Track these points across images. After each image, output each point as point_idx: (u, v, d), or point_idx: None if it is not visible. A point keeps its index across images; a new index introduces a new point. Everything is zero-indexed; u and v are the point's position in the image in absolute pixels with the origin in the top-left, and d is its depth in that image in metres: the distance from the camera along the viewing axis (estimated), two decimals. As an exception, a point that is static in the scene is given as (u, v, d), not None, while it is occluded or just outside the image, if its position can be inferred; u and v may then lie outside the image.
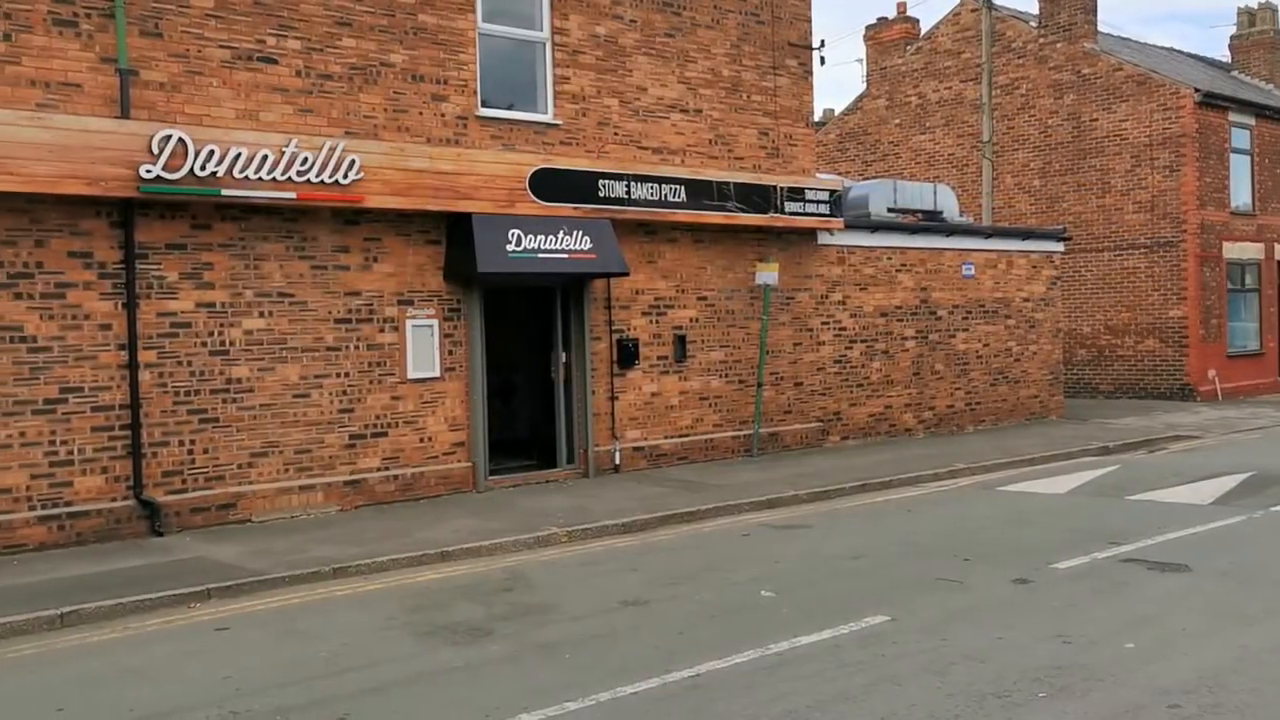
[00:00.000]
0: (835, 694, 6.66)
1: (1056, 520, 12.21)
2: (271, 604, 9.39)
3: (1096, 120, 26.48)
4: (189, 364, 12.18)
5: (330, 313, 13.15)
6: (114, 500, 11.67)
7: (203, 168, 11.62)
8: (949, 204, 21.13)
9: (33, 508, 11.19)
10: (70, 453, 11.42)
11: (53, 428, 11.33)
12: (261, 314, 12.65)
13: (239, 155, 11.86)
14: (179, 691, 7.09)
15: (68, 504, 11.39)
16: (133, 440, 11.75)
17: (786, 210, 16.99)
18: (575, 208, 14.63)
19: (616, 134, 15.63)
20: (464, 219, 13.77)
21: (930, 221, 20.58)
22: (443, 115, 13.96)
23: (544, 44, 15.05)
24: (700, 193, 15.94)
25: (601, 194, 14.91)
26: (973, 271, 20.65)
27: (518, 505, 13.39)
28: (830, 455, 17.42)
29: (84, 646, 8.27)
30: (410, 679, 7.21)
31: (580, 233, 14.55)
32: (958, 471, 15.74)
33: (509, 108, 14.72)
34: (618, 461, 15.66)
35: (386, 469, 13.58)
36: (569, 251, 14.43)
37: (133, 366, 11.75)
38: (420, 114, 13.74)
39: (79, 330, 11.48)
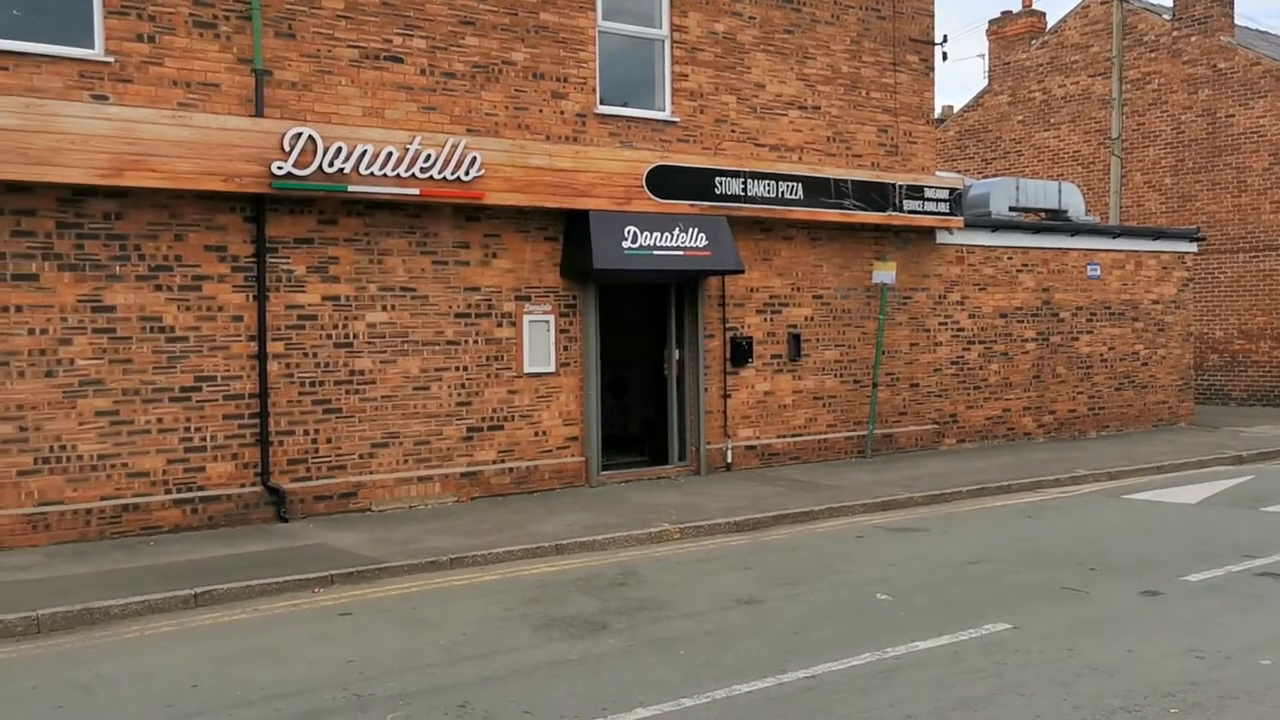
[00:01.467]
0: (956, 701, 6.54)
1: (1187, 531, 11.79)
2: (391, 591, 9.60)
3: (1233, 116, 25.44)
4: (314, 355, 12.53)
5: (450, 307, 13.39)
6: (243, 486, 12.08)
7: (331, 164, 11.94)
8: (1074, 203, 20.53)
9: (168, 491, 11.65)
10: (203, 439, 11.86)
11: (188, 415, 11.78)
12: (384, 307, 12.95)
13: (365, 152, 12.15)
14: (305, 673, 7.31)
15: (200, 488, 11.83)
16: (261, 428, 12.14)
17: (905, 209, 16.73)
18: (691, 205, 14.63)
19: (734, 131, 15.58)
20: (581, 216, 13.89)
21: (1054, 221, 20.03)
22: (562, 113, 14.09)
23: (663, 41, 15.07)
24: (817, 190, 15.79)
25: (718, 191, 14.88)
26: (1098, 272, 20.05)
27: (630, 500, 13.45)
28: (946, 458, 17.10)
29: (216, 626, 8.58)
30: (528, 669, 7.31)
31: (696, 230, 14.55)
32: (1080, 478, 15.29)
33: (627, 105, 14.79)
34: (729, 460, 15.62)
35: (502, 461, 13.78)
36: (684, 249, 14.44)
37: (262, 357, 12.14)
38: (540, 112, 13.90)
39: (213, 321, 11.91)
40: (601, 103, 14.44)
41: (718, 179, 14.88)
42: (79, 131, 10.65)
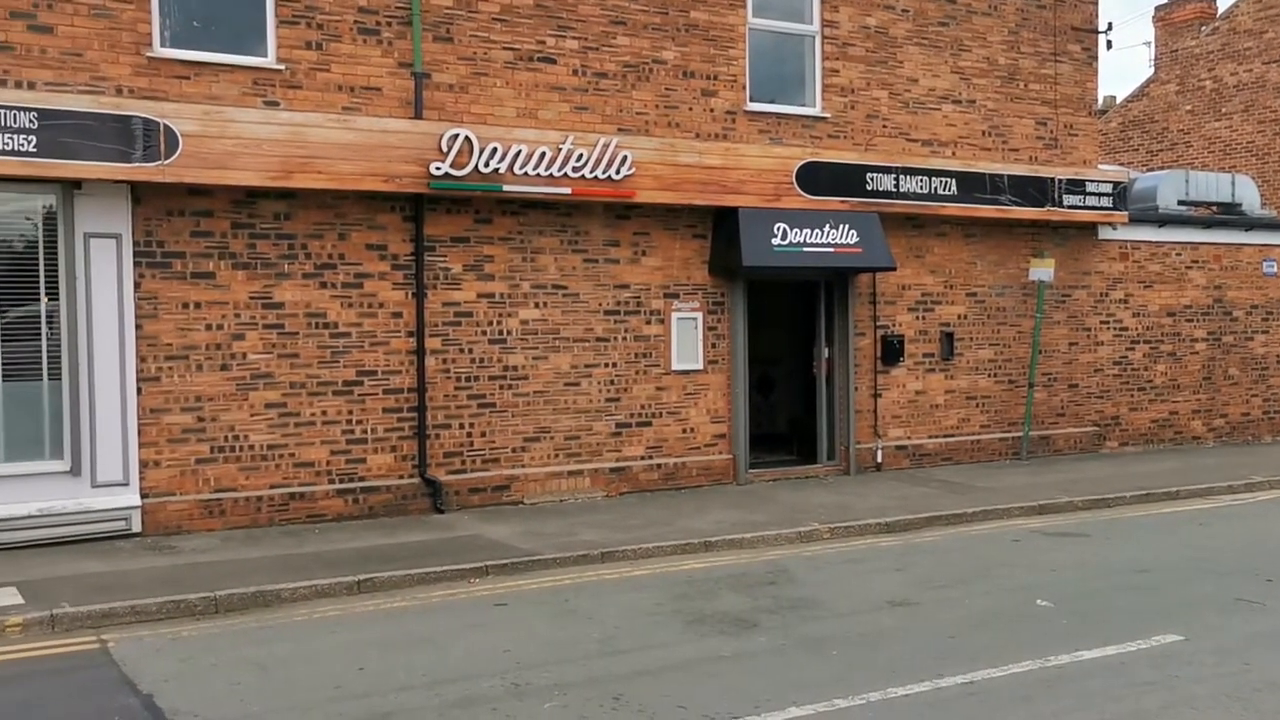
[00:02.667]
0: (1125, 714, 6.30)
1: (1374, 543, 11.09)
2: (544, 583, 9.77)
3: None
4: (470, 351, 12.84)
5: (600, 304, 13.55)
6: (401, 478, 12.46)
7: (486, 164, 12.21)
8: (1249, 196, 19.51)
9: (331, 481, 12.10)
10: (364, 431, 12.28)
11: (350, 408, 12.21)
12: (537, 305, 13.18)
13: (519, 152, 12.38)
14: (464, 661, 7.50)
15: (361, 479, 12.25)
16: (418, 422, 12.50)
17: (1065, 203, 16.18)
18: (842, 201, 14.45)
19: (885, 126, 15.33)
20: (730, 213, 13.87)
21: (1227, 215, 19.08)
22: (712, 110, 14.10)
23: (813, 37, 14.93)
24: (972, 185, 15.41)
25: (869, 187, 14.66)
26: (1275, 269, 19.00)
27: (778, 499, 13.38)
28: (1107, 461, 16.47)
29: (378, 612, 8.87)
30: (681, 664, 7.34)
31: (846, 226, 14.36)
32: (1255, 484, 14.53)
33: (776, 101, 14.70)
34: (879, 460, 15.37)
35: (650, 458, 13.88)
36: (834, 245, 14.27)
37: (420, 353, 12.49)
38: (690, 109, 13.93)
39: (374, 318, 12.32)
40: (751, 100, 14.39)
41: (869, 175, 14.66)
42: (252, 136, 11.15)
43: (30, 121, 10.13)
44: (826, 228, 14.21)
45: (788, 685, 6.86)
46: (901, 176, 14.87)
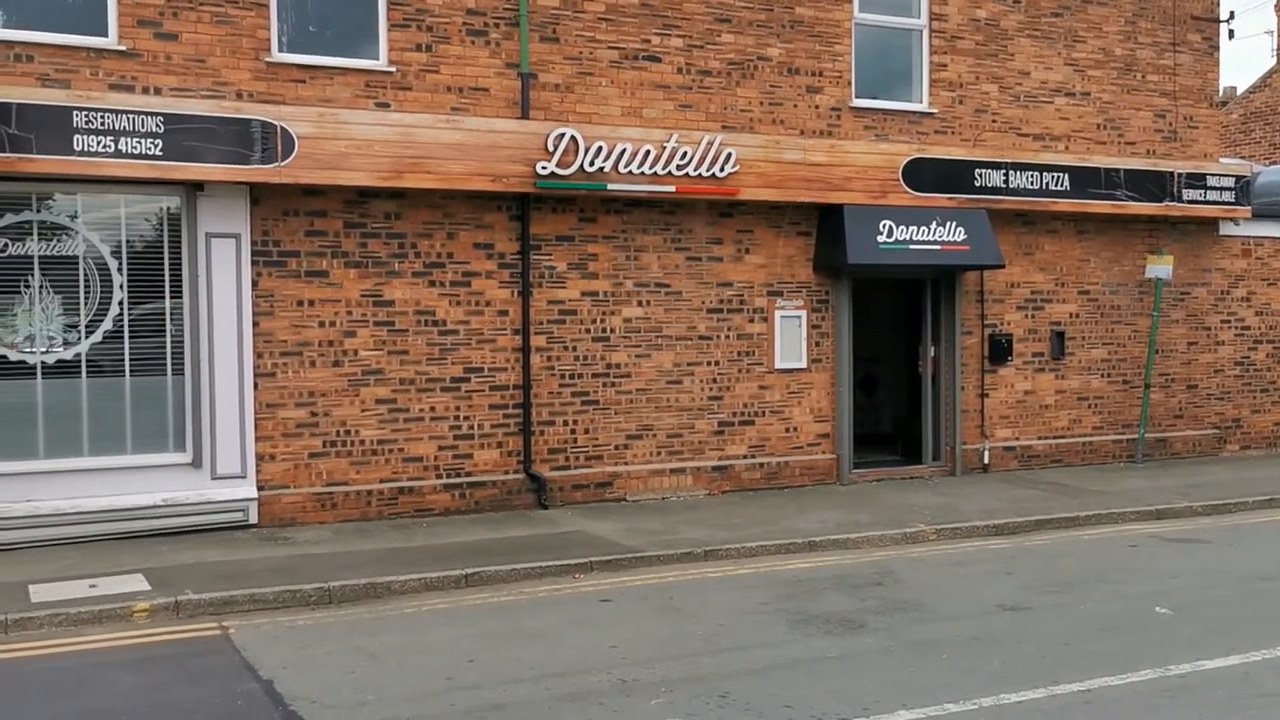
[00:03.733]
0: (1251, 726, 6.09)
1: None
2: (648, 580, 9.80)
3: None
4: (574, 349, 12.95)
5: (703, 302, 13.54)
6: (506, 473, 12.62)
7: (591, 163, 12.29)
8: (1381, 189, 18.61)
9: (439, 476, 12.32)
10: (471, 427, 12.47)
11: (457, 404, 12.41)
12: (640, 303, 13.23)
13: (624, 151, 12.44)
14: (571, 655, 7.57)
15: (468, 474, 12.45)
16: (524, 418, 12.65)
17: (1184, 198, 15.66)
18: (949, 198, 14.21)
19: (994, 121, 15.02)
20: (835, 210, 13.74)
21: (1357, 209, 18.24)
22: (816, 107, 13.98)
23: (920, 31, 14.70)
24: (1085, 180, 15.01)
25: (977, 183, 14.39)
26: None
27: (882, 500, 13.22)
28: (1228, 465, 15.91)
29: (485, 606, 9.01)
30: (787, 664, 7.30)
31: (954, 223, 14.12)
32: (1387, 491, 13.89)
33: (881, 97, 14.50)
34: (986, 461, 15.08)
35: (752, 457, 13.83)
36: (941, 243, 14.04)
37: (525, 350, 12.64)
38: (795, 106, 13.84)
39: (481, 315, 12.50)
40: (856, 95, 14.23)
41: (977, 171, 14.39)
42: (364, 137, 11.40)
43: (157, 126, 10.51)
44: (933, 225, 13.99)
45: (896, 688, 6.78)
46: (1011, 172, 14.56)
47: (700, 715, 6.37)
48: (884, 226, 13.75)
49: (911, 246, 13.87)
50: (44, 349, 10.85)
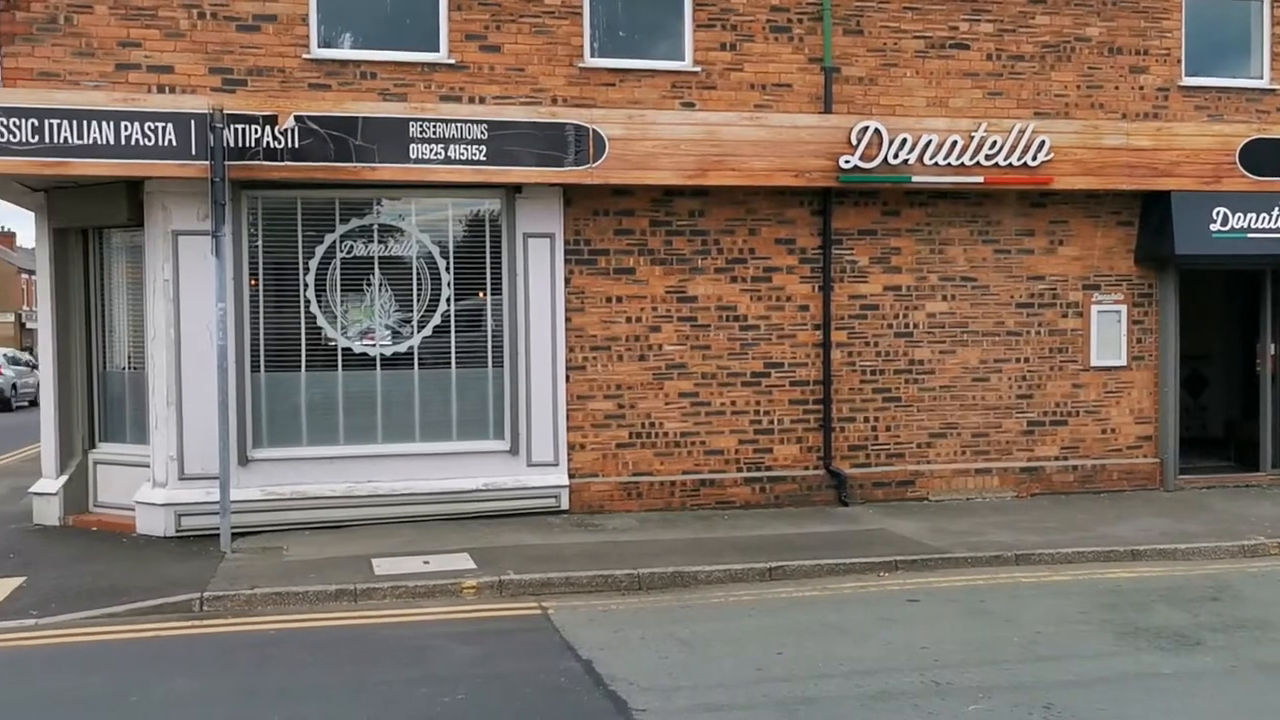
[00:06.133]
0: None
1: None
2: (955, 582, 9.53)
3: None
4: (875, 344, 12.76)
5: (1012, 297, 13.01)
6: (806, 469, 12.61)
7: (895, 156, 12.06)
8: None
9: (739, 470, 12.47)
10: (771, 422, 12.54)
11: (757, 399, 12.51)
12: (944, 297, 12.87)
13: (929, 142, 12.12)
14: (880, 654, 7.47)
15: (768, 468, 12.52)
16: (824, 414, 12.59)
17: None
18: (1295, 181, 12.97)
19: (1349, 94, 13.58)
20: (1161, 198, 12.85)
21: None
22: (1140, 88, 13.12)
23: (1261, 1, 13.48)
24: None
25: (1328, 164, 13.05)
26: None
27: (1213, 508, 12.25)
28: None
29: (790, 600, 9.03)
30: (1115, 678, 6.90)
31: (1300, 209, 12.88)
32: None
33: (1215, 74, 13.42)
34: (1336, 470, 13.67)
35: (1065, 459, 13.15)
36: (1285, 230, 12.84)
37: (826, 345, 12.58)
38: (1115, 88, 13.05)
39: (781, 311, 12.54)
40: (1186, 74, 13.24)
41: (1328, 150, 13.06)
42: (671, 137, 11.68)
43: (481, 133, 11.19)
44: (1276, 211, 12.81)
45: (1242, 712, 6.28)
46: (1369, 151, 13.11)
47: (1022, 725, 6.14)
48: (1217, 214, 12.73)
49: (1250, 235, 12.78)
50: (383, 342, 11.80)
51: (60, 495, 11.91)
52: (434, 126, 11.10)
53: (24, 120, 10.21)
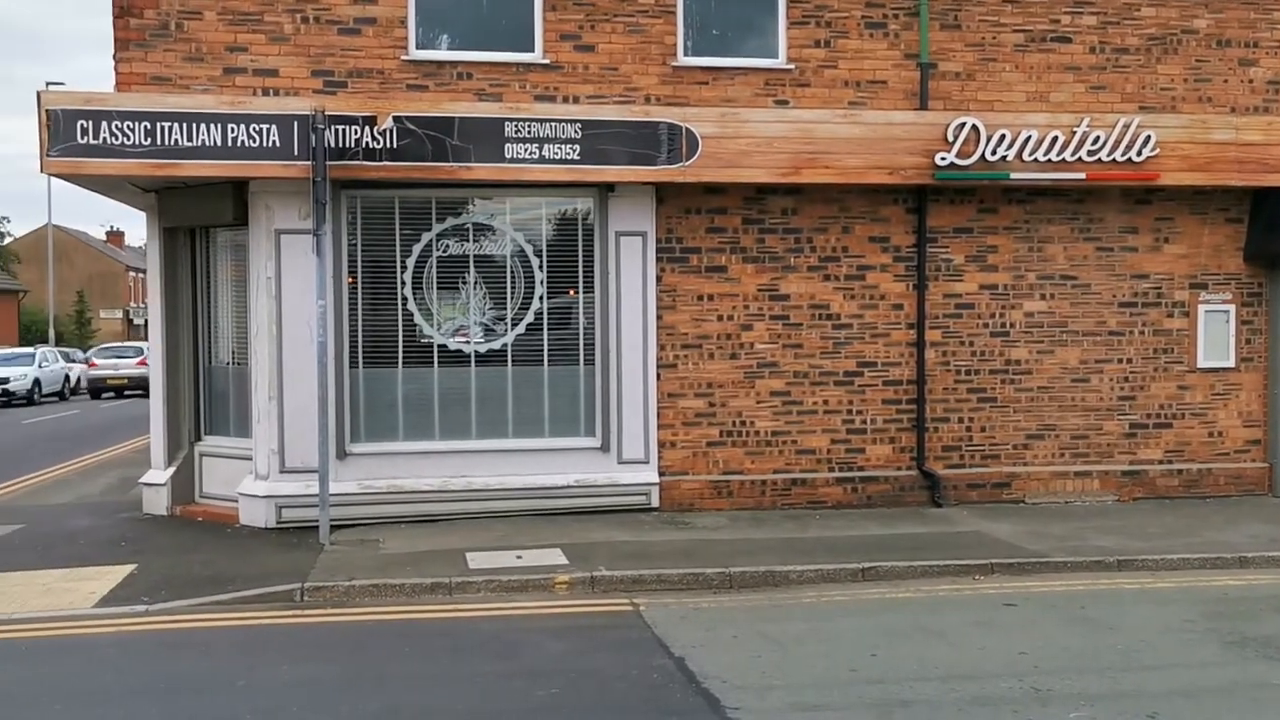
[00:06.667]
0: None
1: None
2: (1054, 587, 9.33)
3: None
4: (970, 344, 12.56)
5: (1114, 296, 12.70)
6: (898, 469, 12.46)
7: (993, 152, 11.85)
8: None
9: (831, 469, 12.37)
10: (863, 422, 12.42)
11: (849, 398, 12.41)
12: (1043, 296, 12.62)
13: (1029, 138, 11.89)
14: (977, 658, 7.36)
15: (860, 468, 12.41)
16: (917, 414, 12.44)
17: None
18: None
19: None
20: (1272, 193, 12.45)
21: None
22: (1250, 81, 12.71)
23: (1381, -13, 12.95)
24: None
25: None
26: None
27: (1327, 517, 11.82)
28: None
29: (883, 601, 8.94)
30: (1223, 688, 6.71)
31: None
32: None
33: (1331, 65, 12.94)
34: None
35: (1169, 462, 12.80)
36: (1406, 227, 12.32)
37: (919, 345, 12.42)
38: (1224, 82, 12.65)
39: (875, 309, 12.41)
40: (1300, 65, 12.79)
41: None
42: (763, 135, 11.63)
43: (575, 132, 11.27)
44: (1395, 207, 12.30)
45: (1360, 727, 6.05)
46: None
47: (1125, 734, 6.00)
48: (1332, 210, 12.27)
49: (1367, 232, 12.28)
50: (477, 339, 11.96)
51: (168, 486, 12.31)
52: (528, 126, 11.20)
53: (137, 123, 10.57)
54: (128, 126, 10.56)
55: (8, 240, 60.44)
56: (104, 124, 10.52)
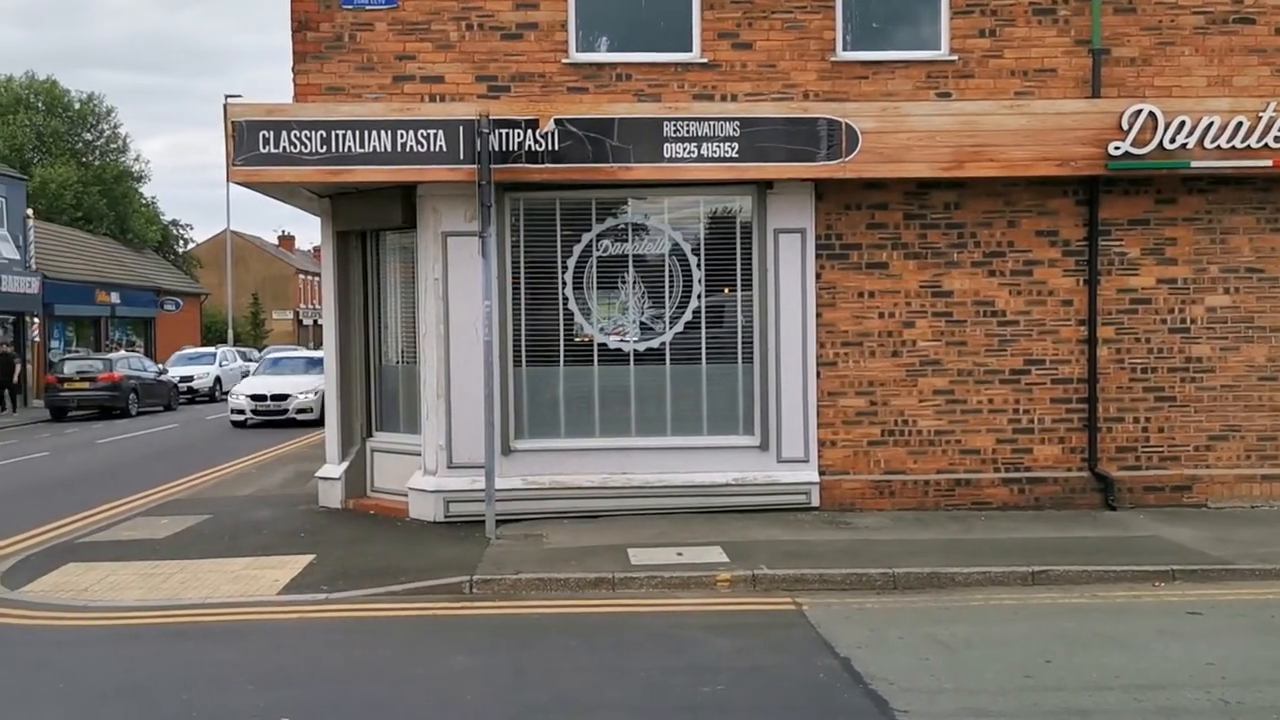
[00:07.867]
0: None
1: None
2: (1242, 595, 8.87)
3: None
4: (1146, 341, 12.04)
5: (1305, 289, 12.02)
6: (1069, 470, 12.04)
7: (1171, 140, 11.33)
8: None
9: (996, 470, 12.03)
10: (1031, 421, 12.04)
11: (1016, 397, 12.04)
12: (1226, 290, 12.01)
13: (1210, 125, 11.32)
14: (1159, 667, 7.05)
15: (1027, 469, 12.04)
16: (1089, 414, 11.98)
17: None
18: None
19: None
20: None
21: None
22: None
23: None
24: None
25: None
26: None
27: None
28: None
29: (1055, 606, 8.65)
30: None
31: None
32: None
33: None
34: None
35: (1366, 466, 12.03)
36: None
37: (1091, 342, 11.97)
38: None
39: (1043, 305, 12.02)
40: None
41: None
42: (925, 129, 11.39)
43: (733, 130, 11.25)
44: None
45: None
46: None
47: (1327, 752, 5.67)
48: None
49: None
50: (635, 338, 12.07)
51: (342, 480, 12.82)
52: (687, 125, 11.24)
53: (314, 132, 11.04)
54: (305, 135, 11.03)
55: (190, 246, 63.94)
56: (284, 133, 11.03)
